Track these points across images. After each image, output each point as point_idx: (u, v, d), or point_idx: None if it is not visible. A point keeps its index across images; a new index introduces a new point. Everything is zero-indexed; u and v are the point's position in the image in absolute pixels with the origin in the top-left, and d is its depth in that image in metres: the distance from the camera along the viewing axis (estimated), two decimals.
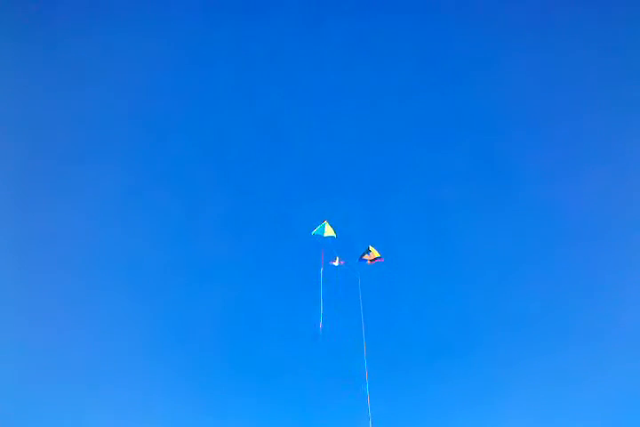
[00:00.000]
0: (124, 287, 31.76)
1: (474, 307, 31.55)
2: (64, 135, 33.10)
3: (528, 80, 34.26)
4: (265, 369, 30.02)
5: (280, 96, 36.01)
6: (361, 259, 22.69)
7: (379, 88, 36.08)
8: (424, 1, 35.67)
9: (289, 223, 33.80)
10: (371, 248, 22.56)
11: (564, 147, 33.74)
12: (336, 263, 22.61)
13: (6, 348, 28.60)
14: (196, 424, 27.85)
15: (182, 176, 34.49)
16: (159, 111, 34.94)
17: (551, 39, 33.78)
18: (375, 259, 22.50)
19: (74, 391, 28.14)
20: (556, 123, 33.79)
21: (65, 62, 33.28)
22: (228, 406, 28.80)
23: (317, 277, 22.17)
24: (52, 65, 33.21)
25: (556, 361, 28.88)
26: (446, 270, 32.93)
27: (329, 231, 22.57)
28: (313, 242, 23.02)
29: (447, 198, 34.21)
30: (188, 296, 32.18)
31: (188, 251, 33.47)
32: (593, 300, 30.51)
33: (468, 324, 31.13)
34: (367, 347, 20.60)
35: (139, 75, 34.54)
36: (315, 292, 22.00)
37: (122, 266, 32.23)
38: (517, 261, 32.30)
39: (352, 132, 35.73)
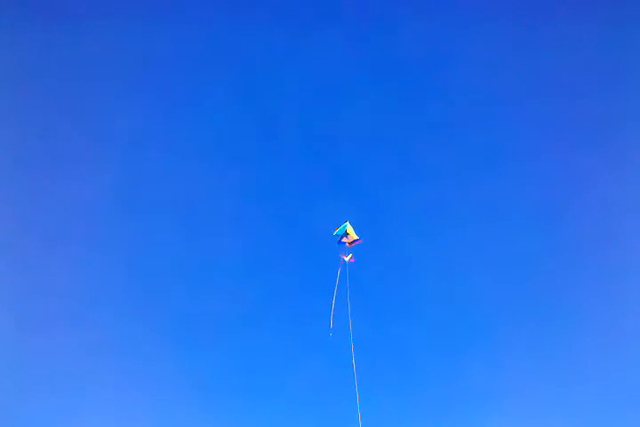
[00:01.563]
0: (127, 286, 31.86)
1: (474, 306, 31.73)
2: (63, 135, 33.13)
3: (530, 79, 34.30)
4: (265, 371, 30.23)
5: (287, 97, 36.27)
6: (340, 242, 22.31)
7: (382, 88, 36.21)
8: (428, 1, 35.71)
9: (290, 223, 33.91)
10: (348, 231, 22.15)
11: (567, 146, 33.80)
12: (347, 259, 22.04)
13: (6, 347, 28.59)
14: (197, 424, 27.91)
15: (187, 175, 34.53)
16: (160, 111, 35.01)
17: (557, 35, 33.75)
18: (354, 241, 22.15)
19: (73, 392, 28.21)
20: (561, 122, 33.85)
21: (63, 61, 33.29)
22: (228, 407, 28.88)
23: (319, 277, 21.93)
24: (51, 64, 33.21)
25: (557, 360, 28.98)
26: (447, 269, 33.06)
27: (350, 232, 22.12)
28: (316, 241, 22.80)
29: (449, 197, 34.35)
30: (190, 297, 32.22)
31: (193, 251, 33.59)
32: (595, 299, 30.61)
33: (469, 323, 31.33)
34: (369, 345, 20.21)
35: (138, 75, 34.57)
36: (319, 291, 21.78)
37: (126, 263, 32.41)
38: (518, 259, 32.45)
39: (354, 132, 35.84)
